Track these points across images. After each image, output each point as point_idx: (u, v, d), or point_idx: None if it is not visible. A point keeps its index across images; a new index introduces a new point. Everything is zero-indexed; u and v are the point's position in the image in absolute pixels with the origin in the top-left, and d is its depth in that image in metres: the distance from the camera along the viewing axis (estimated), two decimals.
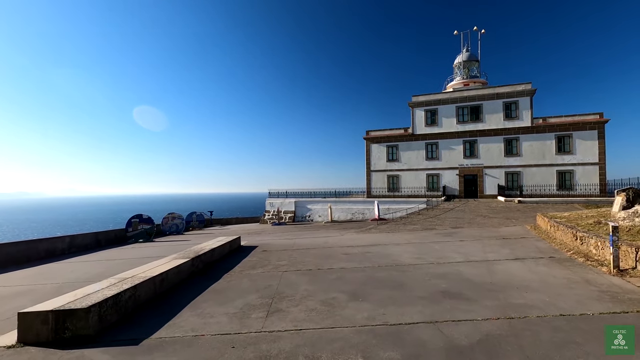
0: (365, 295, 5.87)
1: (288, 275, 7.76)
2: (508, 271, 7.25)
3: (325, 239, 14.81)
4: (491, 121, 31.70)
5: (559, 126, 29.35)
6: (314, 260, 9.56)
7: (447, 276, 7.01)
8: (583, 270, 7.07)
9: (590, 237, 8.68)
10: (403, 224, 18.50)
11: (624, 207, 10.50)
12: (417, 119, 34.47)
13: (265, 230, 23.42)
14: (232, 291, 6.55)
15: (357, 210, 30.08)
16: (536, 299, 5.29)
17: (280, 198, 33.74)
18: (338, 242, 13.18)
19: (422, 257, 9.23)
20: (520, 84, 31.00)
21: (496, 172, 31.26)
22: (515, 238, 12.13)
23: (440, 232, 14.90)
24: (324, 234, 17.07)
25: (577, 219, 12.24)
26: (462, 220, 18.66)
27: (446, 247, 10.94)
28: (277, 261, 9.58)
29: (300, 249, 11.89)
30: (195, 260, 8.39)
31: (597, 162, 28.20)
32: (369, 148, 36.24)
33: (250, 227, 29.23)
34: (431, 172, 33.66)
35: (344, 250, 11.06)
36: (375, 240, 13.36)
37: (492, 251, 9.79)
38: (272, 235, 18.53)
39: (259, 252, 11.55)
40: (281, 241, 14.77)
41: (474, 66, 39.71)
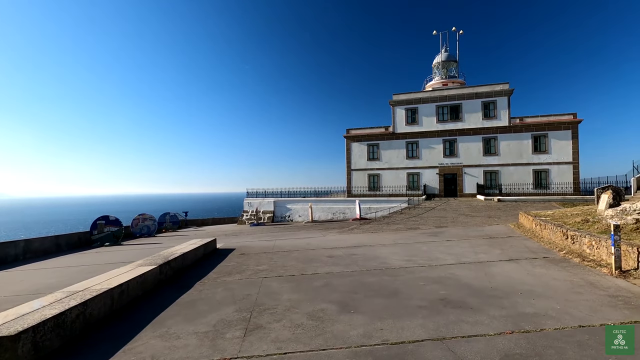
0: (357, 306, 5.20)
1: (269, 282, 6.98)
2: (506, 274, 6.78)
3: (307, 240, 14.09)
4: (470, 120, 31.95)
5: (535, 126, 29.91)
6: (296, 264, 8.82)
7: (443, 281, 6.45)
8: (583, 271, 6.70)
9: (582, 236, 8.40)
10: (386, 224, 18.04)
11: (610, 205, 10.38)
12: (397, 117, 34.31)
13: (244, 232, 22.42)
14: (204, 303, 5.71)
15: (338, 210, 29.52)
16: (546, 307, 4.78)
17: (259, 198, 32.71)
18: (321, 244, 12.49)
19: (412, 260, 8.68)
20: (498, 84, 31.40)
21: (475, 171, 31.53)
22: (502, 237, 11.85)
23: (425, 231, 14.51)
24: (305, 235, 16.34)
25: (562, 218, 12.10)
26: (445, 219, 18.42)
27: (434, 247, 10.47)
28: (257, 266, 8.77)
29: (281, 251, 11.12)
30: (164, 267, 7.47)
31: (571, 161, 28.91)
32: (350, 147, 35.78)
33: (228, 228, 28.07)
34: (412, 171, 33.57)
35: (328, 253, 10.38)
36: (359, 241, 12.77)
37: (482, 252, 9.38)
38: (251, 237, 17.63)
39: (236, 255, 10.69)
40: (260, 243, 13.93)
41: (453, 66, 40.06)
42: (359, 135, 35.53)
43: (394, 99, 34.50)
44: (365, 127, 35.83)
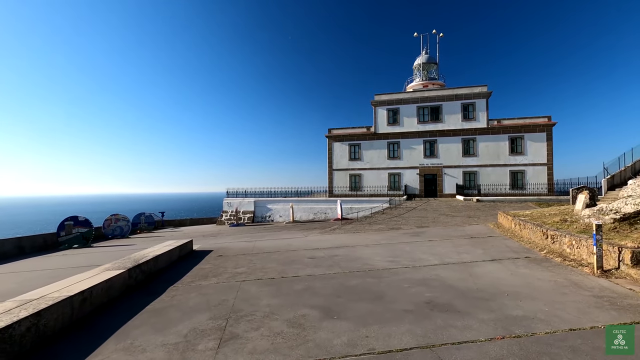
0: (341, 311, 4.92)
1: (247, 286, 6.61)
2: (490, 275, 6.68)
3: (288, 240, 13.73)
4: (450, 122, 32.39)
5: (512, 128, 30.63)
6: (276, 266, 8.47)
7: (428, 282, 6.27)
8: (565, 271, 6.68)
9: (562, 236, 8.46)
10: (368, 224, 17.91)
11: (587, 205, 10.56)
12: (379, 117, 34.38)
13: (222, 232, 21.80)
14: (176, 310, 5.29)
15: (319, 210, 29.25)
16: (534, 309, 4.65)
17: (239, 198, 32.01)
18: (302, 244, 12.17)
19: (395, 260, 8.49)
20: (477, 86, 31.98)
21: (455, 171, 31.99)
22: (483, 237, 11.89)
23: (407, 231, 14.44)
24: (286, 235, 15.97)
25: (541, 217, 12.27)
26: (426, 219, 18.47)
27: (417, 248, 10.35)
28: (234, 268, 8.37)
29: (261, 252, 10.73)
30: (134, 270, 6.96)
31: (546, 162, 29.77)
32: (331, 146, 35.60)
33: (206, 228, 27.30)
34: (393, 172, 33.72)
35: (310, 254, 10.08)
36: (341, 241, 12.53)
37: (465, 252, 9.32)
38: (230, 238, 17.10)
39: (213, 257, 10.22)
40: (239, 244, 13.47)
41: (433, 68, 40.60)
42: (341, 135, 35.41)
43: (375, 99, 34.57)
44: (347, 127, 35.75)
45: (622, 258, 6.19)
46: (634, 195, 9.01)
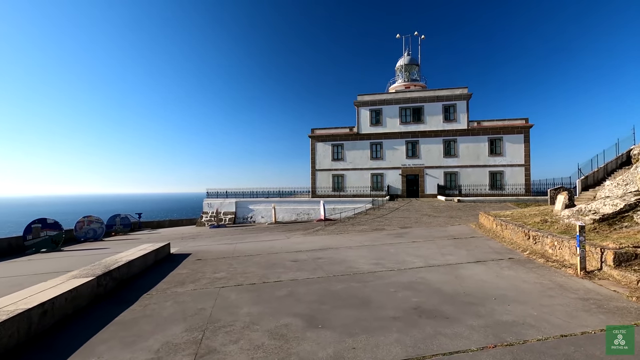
0: (326, 319, 4.67)
1: (226, 292, 6.27)
2: (476, 277, 6.59)
3: (270, 243, 13.40)
4: (431, 123, 32.76)
5: (491, 129, 31.27)
6: (258, 270, 8.15)
7: (414, 286, 6.11)
8: (549, 273, 6.67)
9: (544, 237, 8.51)
10: (351, 225, 17.77)
11: (566, 206, 10.73)
12: (362, 118, 34.41)
13: (202, 234, 21.18)
14: (148, 322, 4.91)
15: (302, 211, 28.96)
16: (523, 314, 4.55)
17: (220, 198, 31.31)
18: (285, 247, 11.87)
19: (380, 263, 8.33)
20: (457, 88, 32.48)
21: (436, 172, 32.37)
22: (465, 238, 11.92)
23: (390, 232, 14.36)
24: (268, 237, 15.62)
25: (521, 218, 12.42)
26: (409, 220, 18.50)
27: (401, 249, 10.25)
28: (213, 273, 7.99)
29: (242, 256, 10.37)
30: (104, 278, 6.50)
31: (523, 163, 30.55)
32: (314, 146, 35.36)
33: (186, 230, 26.53)
34: (375, 172, 33.80)
35: (292, 257, 9.80)
36: (325, 243, 12.30)
37: (449, 253, 9.26)
38: (210, 240, 16.58)
39: (191, 261, 9.79)
40: (219, 247, 13.03)
41: (415, 70, 41.03)
42: (324, 135, 35.23)
43: (358, 100, 34.57)
44: (330, 127, 35.61)
45: (605, 259, 6.22)
46: (611, 196, 9.19)
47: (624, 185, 10.03)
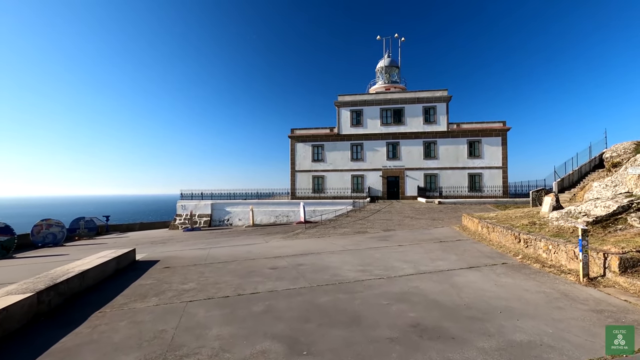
0: (311, 343, 3.94)
1: (194, 308, 5.42)
2: (473, 286, 6.04)
3: (247, 247, 12.50)
4: (412, 124, 32.69)
5: (470, 132, 31.52)
6: (232, 279, 7.31)
7: (408, 298, 5.47)
8: (549, 280, 6.21)
9: (537, 240, 8.12)
10: (333, 227, 17.10)
11: (554, 208, 10.48)
12: (342, 119, 33.92)
13: (175, 238, 19.91)
14: (93, 350, 4.01)
15: (281, 213, 28.05)
16: (537, 331, 3.98)
17: (195, 200, 29.90)
18: (263, 252, 11.04)
19: (367, 270, 7.67)
20: (437, 90, 32.58)
21: (416, 174, 32.28)
22: (452, 241, 11.50)
23: (374, 235, 13.79)
24: (245, 241, 14.69)
25: (507, 220, 12.13)
26: (391, 222, 18.04)
27: (388, 254, 9.65)
28: (182, 284, 7.09)
29: (216, 262, 9.46)
30: (47, 293, 5.49)
31: (501, 166, 30.95)
32: (294, 147, 34.54)
33: (157, 234, 25.04)
34: (356, 173, 33.36)
35: (271, 263, 9.00)
36: (306, 247, 11.55)
37: (438, 258, 8.74)
38: (182, 245, 15.46)
39: (158, 269, 8.81)
40: (192, 252, 12.02)
41: (395, 72, 41.03)
42: (304, 135, 34.49)
43: (339, 100, 34.08)
44: (311, 128, 34.92)
45: (609, 265, 5.80)
46: (602, 198, 8.94)
47: (613, 186, 9.87)
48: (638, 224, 7.38)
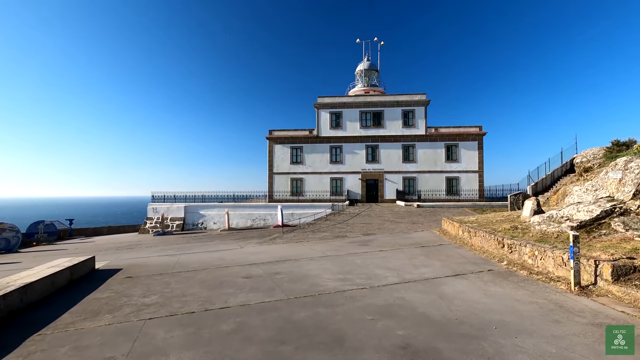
0: None
1: (153, 328, 4.72)
2: (462, 296, 5.64)
3: (220, 253, 11.74)
4: (391, 128, 32.69)
5: (448, 136, 31.86)
6: (201, 291, 6.62)
7: (394, 311, 4.99)
8: (539, 289, 5.90)
9: (522, 246, 7.89)
10: (311, 232, 16.55)
11: (535, 212, 10.38)
12: (322, 120, 33.49)
13: (144, 243, 18.75)
14: None
15: (258, 216, 27.24)
16: (539, 350, 3.59)
17: (167, 202, 28.57)
18: (237, 258, 10.34)
19: (348, 279, 7.16)
20: (416, 94, 32.77)
21: (395, 177, 32.27)
22: (434, 245, 11.21)
23: (354, 240, 13.35)
24: (219, 247, 13.88)
25: (488, 224, 11.99)
26: (371, 226, 17.70)
27: (369, 260, 9.20)
28: (143, 297, 6.33)
29: (184, 271, 8.70)
30: None
31: (477, 170, 31.42)
32: (272, 149, 33.77)
33: (125, 238, 23.64)
34: (335, 176, 32.97)
35: (245, 271, 8.34)
36: (283, 253, 10.94)
37: (422, 264, 8.36)
38: (150, 250, 14.45)
39: (119, 280, 7.97)
40: (160, 259, 11.15)
41: (374, 75, 41.09)
42: (282, 137, 33.79)
43: (318, 102, 33.66)
44: (289, 129, 34.27)
45: (600, 272, 5.56)
46: (584, 202, 8.86)
47: (594, 190, 9.86)
48: (622, 229, 7.27)
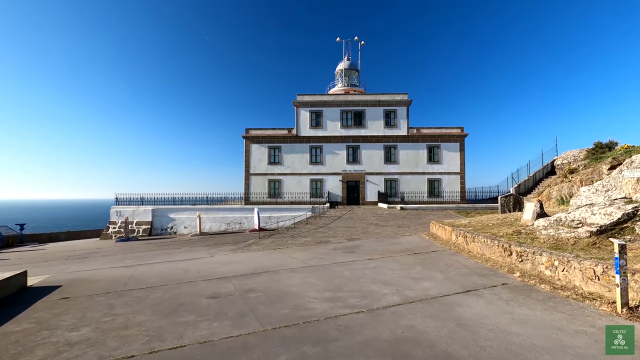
0: None
1: None
2: (485, 322, 4.46)
3: (186, 263, 10.16)
4: (373, 128, 31.74)
5: (430, 137, 31.25)
6: (151, 319, 5.14)
7: (408, 352, 3.73)
8: (577, 311, 4.81)
9: (536, 254, 6.86)
10: (291, 237, 15.15)
11: (538, 215, 9.48)
12: (301, 119, 32.09)
13: (101, 251, 16.69)
14: None
15: (233, 220, 25.49)
16: None
17: (133, 205, 26.26)
18: (205, 270, 8.82)
19: (338, 297, 5.87)
20: (398, 94, 32.01)
21: (377, 178, 31.30)
22: (427, 252, 10.11)
23: (338, 246, 12.08)
24: (186, 255, 12.23)
25: (484, 228, 11.03)
26: (355, 230, 16.51)
27: (359, 271, 7.95)
28: (71, 330, 4.79)
29: (138, 288, 7.14)
30: None
31: (459, 171, 30.96)
32: (249, 148, 32.03)
33: (83, 245, 21.33)
34: (315, 177, 31.62)
35: (212, 288, 6.89)
36: (259, 263, 9.51)
37: (421, 276, 7.18)
38: (105, 261, 12.60)
39: (51, 302, 6.33)
40: (112, 272, 9.45)
41: (354, 75, 40.19)
42: (260, 136, 32.14)
43: (298, 100, 32.27)
44: (267, 128, 32.64)
45: None
46: (597, 204, 7.97)
47: (605, 191, 9.05)
48: None
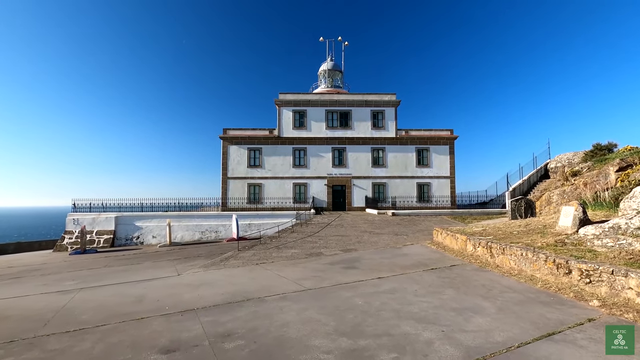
0: None
1: None
2: None
3: (143, 285, 7.83)
4: (360, 129, 30.04)
5: (419, 139, 29.88)
6: None
7: None
8: None
9: (616, 274, 5.08)
10: (276, 247, 12.98)
11: (581, 221, 7.81)
12: (284, 119, 29.99)
13: (45, 267, 13.89)
14: None
15: (209, 228, 22.96)
16: None
17: (94, 212, 23.23)
18: (165, 297, 6.55)
19: (361, 349, 3.85)
20: (386, 94, 30.52)
21: (364, 183, 29.53)
22: (446, 267, 8.25)
23: (333, 259, 10.04)
24: (146, 274, 9.84)
25: (508, 236, 9.29)
26: (348, 239, 14.52)
27: (373, 298, 5.96)
28: None
29: (59, 333, 4.85)
30: None
31: (449, 175, 29.70)
32: (227, 150, 29.56)
33: (27, 259, 18.23)
34: (298, 182, 29.49)
35: (171, 331, 4.70)
36: (239, 285, 7.33)
37: (463, 307, 5.27)
38: (41, 281, 10.00)
39: None
40: (37, 301, 7.02)
41: (338, 76, 38.60)
42: (239, 137, 29.76)
43: (280, 99, 30.20)
44: (247, 128, 30.31)
45: None
46: None
47: None
48: None
